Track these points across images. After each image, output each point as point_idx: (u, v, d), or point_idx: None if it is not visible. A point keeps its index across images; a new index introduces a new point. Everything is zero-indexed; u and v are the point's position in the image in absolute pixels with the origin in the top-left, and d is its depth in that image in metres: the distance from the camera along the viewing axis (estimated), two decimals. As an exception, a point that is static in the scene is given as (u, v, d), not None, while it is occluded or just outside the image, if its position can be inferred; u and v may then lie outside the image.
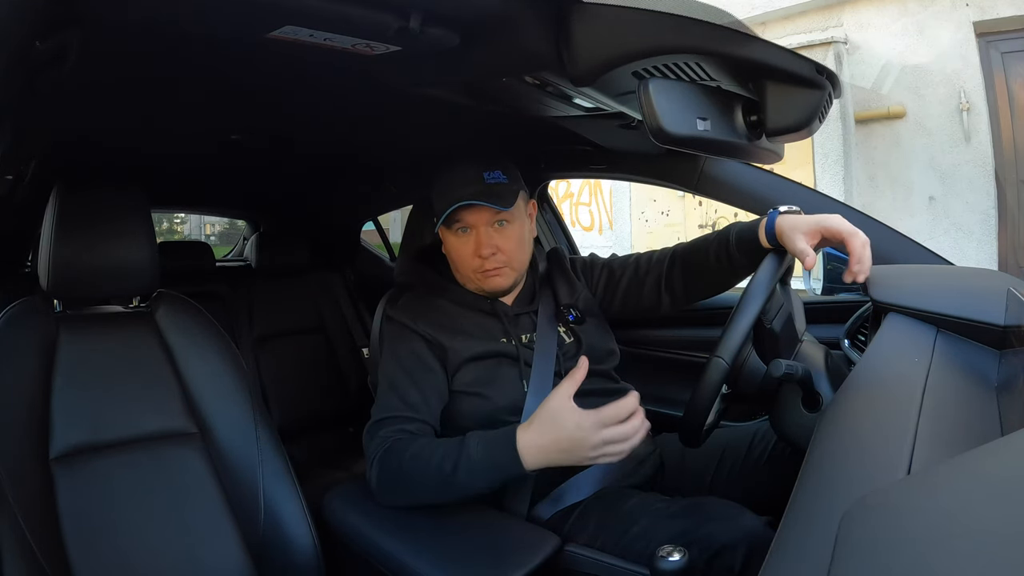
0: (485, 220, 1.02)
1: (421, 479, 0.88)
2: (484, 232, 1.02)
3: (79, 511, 0.87)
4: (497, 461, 0.84)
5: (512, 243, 1.04)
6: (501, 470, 0.85)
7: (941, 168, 3.87)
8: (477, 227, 1.03)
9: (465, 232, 1.03)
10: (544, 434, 0.82)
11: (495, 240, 1.03)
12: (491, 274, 1.04)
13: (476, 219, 1.02)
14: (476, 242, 1.03)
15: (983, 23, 3.70)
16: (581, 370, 0.85)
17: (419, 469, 0.88)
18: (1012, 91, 3.74)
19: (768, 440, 1.02)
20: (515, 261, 1.05)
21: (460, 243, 1.04)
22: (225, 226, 7.00)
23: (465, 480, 0.85)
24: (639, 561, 0.84)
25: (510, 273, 1.05)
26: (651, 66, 0.76)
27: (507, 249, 1.04)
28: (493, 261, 1.03)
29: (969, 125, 3.77)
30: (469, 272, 1.05)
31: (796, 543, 0.45)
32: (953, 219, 3.83)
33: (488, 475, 0.85)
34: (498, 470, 0.85)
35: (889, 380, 0.68)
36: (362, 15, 0.67)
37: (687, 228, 4.88)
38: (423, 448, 0.89)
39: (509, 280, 1.06)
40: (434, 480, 0.87)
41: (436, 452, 0.88)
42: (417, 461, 0.88)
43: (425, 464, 0.88)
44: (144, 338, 1.03)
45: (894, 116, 4.00)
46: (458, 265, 1.07)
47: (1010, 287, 0.79)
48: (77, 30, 0.63)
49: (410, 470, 0.89)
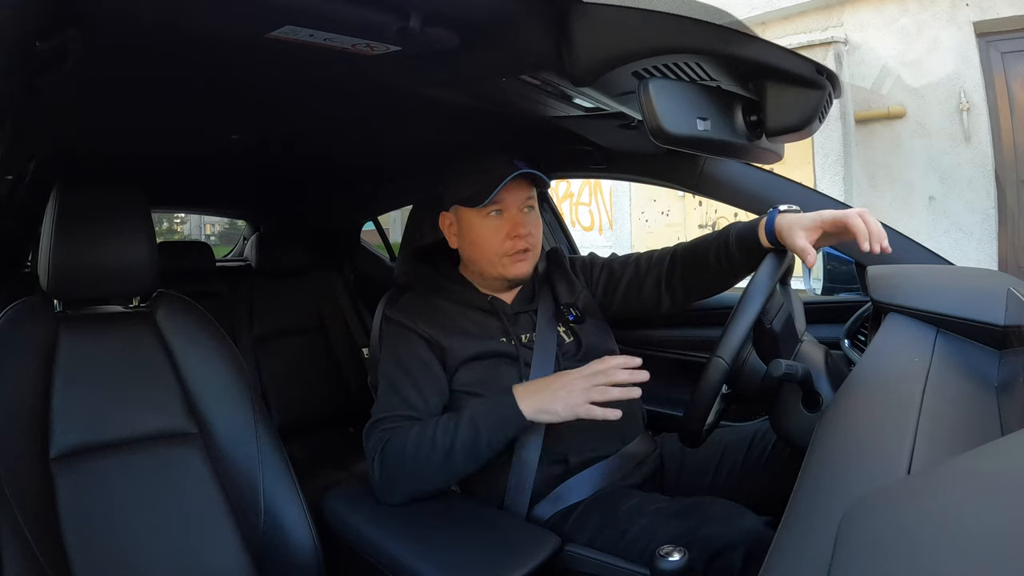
0: (519, 202, 1.05)
1: (426, 455, 0.90)
2: (516, 214, 1.05)
3: (79, 511, 0.87)
4: (497, 412, 0.90)
5: (537, 229, 1.08)
6: (501, 420, 0.90)
7: (941, 168, 3.87)
8: (510, 209, 1.04)
9: (498, 215, 1.05)
10: (537, 385, 0.92)
11: (526, 223, 1.05)
12: (520, 257, 1.05)
13: (512, 200, 1.04)
14: (511, 223, 1.04)
15: (983, 23, 3.69)
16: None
17: (422, 445, 0.90)
18: (1012, 91, 3.73)
19: (768, 440, 1.02)
20: (537, 247, 1.09)
21: (491, 227, 1.05)
22: (225, 226, 6.99)
23: (469, 441, 0.89)
24: (639, 561, 0.84)
25: (532, 258, 1.08)
26: (651, 66, 0.76)
27: (535, 232, 1.07)
28: (524, 242, 1.04)
29: (969, 125, 3.77)
30: (496, 257, 1.06)
31: (796, 543, 0.45)
32: (953, 219, 3.83)
33: (489, 430, 0.89)
34: (499, 420, 0.90)
35: (889, 380, 0.68)
36: (362, 15, 0.67)
37: (687, 228, 4.88)
38: (423, 427, 0.92)
39: (530, 266, 1.08)
40: (440, 451, 0.89)
41: (437, 425, 0.92)
42: (419, 438, 0.91)
43: (428, 439, 0.90)
44: (144, 338, 1.03)
45: (894, 116, 3.99)
46: (483, 251, 1.06)
47: (1010, 287, 0.79)
48: (77, 30, 0.63)
49: (413, 450, 0.90)
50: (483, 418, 0.90)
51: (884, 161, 4.07)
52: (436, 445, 0.89)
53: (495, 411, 0.91)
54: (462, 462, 0.90)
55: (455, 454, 0.89)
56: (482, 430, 0.89)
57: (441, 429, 0.91)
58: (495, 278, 1.08)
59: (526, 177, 1.03)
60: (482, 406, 0.92)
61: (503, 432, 0.90)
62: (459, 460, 0.90)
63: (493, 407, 0.91)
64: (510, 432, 0.91)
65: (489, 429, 0.89)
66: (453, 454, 0.89)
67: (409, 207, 1.35)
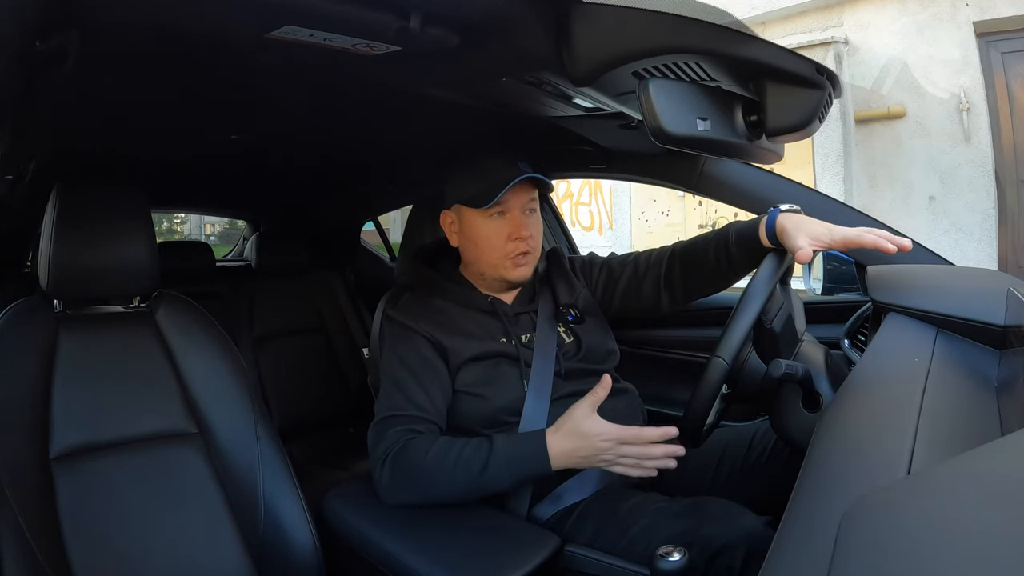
0: (521, 204, 1.05)
1: (446, 479, 0.89)
2: (519, 216, 1.04)
3: (79, 511, 0.87)
4: (527, 460, 0.89)
5: (538, 231, 1.08)
6: (529, 469, 0.89)
7: (941, 168, 3.87)
8: (513, 210, 1.04)
9: (500, 217, 1.04)
10: (570, 439, 0.88)
11: (529, 225, 1.05)
12: (521, 261, 1.05)
13: (516, 202, 1.04)
14: (513, 225, 1.04)
15: (983, 23, 3.69)
16: (603, 389, 0.89)
17: (442, 467, 0.90)
18: (1012, 91, 3.74)
19: (768, 440, 1.02)
20: (538, 249, 1.08)
21: (494, 228, 1.05)
22: (225, 226, 6.99)
23: (493, 476, 0.89)
24: (639, 561, 0.84)
25: (533, 261, 1.08)
26: (651, 66, 0.77)
27: (536, 236, 1.07)
28: (526, 245, 1.04)
29: (969, 125, 3.77)
30: (498, 259, 1.05)
31: (796, 543, 0.45)
32: (953, 219, 3.83)
33: (515, 473, 0.89)
34: (526, 468, 0.89)
35: (889, 380, 0.68)
36: (362, 15, 0.67)
37: (687, 228, 4.88)
38: (445, 447, 0.91)
39: (531, 269, 1.08)
40: (462, 477, 0.89)
41: (463, 451, 0.90)
42: (440, 457, 0.90)
43: (450, 464, 0.89)
44: (144, 338, 1.03)
45: (894, 116, 3.99)
46: (485, 251, 1.06)
47: (1010, 287, 0.79)
48: (76, 31, 0.63)
49: (432, 467, 0.90)
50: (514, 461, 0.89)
51: (884, 161, 4.07)
52: (456, 473, 0.89)
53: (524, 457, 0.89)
54: (479, 491, 0.91)
55: (475, 484, 0.89)
56: (508, 474, 0.89)
57: (466, 456, 0.90)
58: (495, 279, 1.08)
59: (529, 179, 1.03)
60: (511, 448, 0.90)
61: (525, 476, 0.91)
62: (476, 489, 0.90)
63: (522, 451, 0.90)
64: (533, 475, 0.91)
65: (514, 475, 0.90)
66: (472, 484, 0.89)
67: (409, 207, 1.36)
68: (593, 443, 0.87)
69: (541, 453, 0.88)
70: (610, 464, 0.88)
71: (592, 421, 0.87)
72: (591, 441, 0.87)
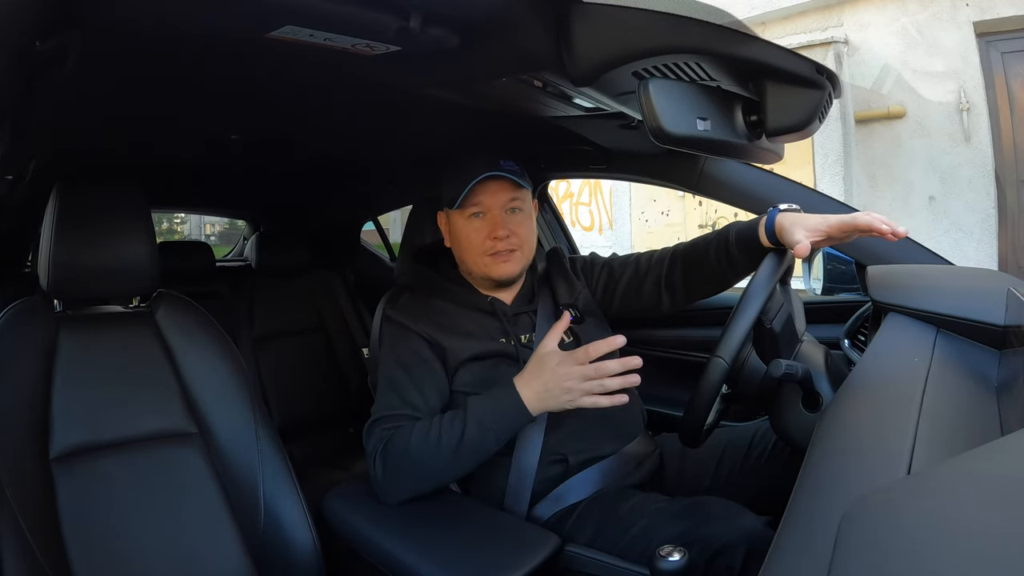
0: (500, 203, 1.04)
1: (431, 453, 0.90)
2: (499, 215, 1.04)
3: (79, 511, 0.87)
4: (504, 410, 0.90)
5: (524, 228, 1.06)
6: (508, 419, 0.90)
7: (941, 168, 3.87)
8: (492, 210, 1.04)
9: (479, 217, 1.04)
10: (535, 376, 0.90)
11: (509, 224, 1.04)
12: (502, 258, 1.04)
13: (492, 202, 1.03)
14: (491, 224, 1.04)
15: (983, 23, 3.69)
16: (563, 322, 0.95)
17: (426, 443, 0.90)
18: (1012, 91, 3.73)
19: (768, 440, 1.02)
20: (526, 246, 1.07)
21: (472, 228, 1.05)
22: (225, 226, 7.00)
23: (476, 437, 0.89)
24: (639, 561, 0.84)
25: (520, 259, 1.06)
26: (651, 66, 0.76)
27: (520, 233, 1.05)
28: (506, 243, 1.04)
29: (969, 125, 3.76)
30: (478, 257, 1.05)
31: (796, 543, 0.45)
32: (953, 219, 3.83)
33: (497, 427, 0.90)
34: (505, 419, 0.90)
35: (889, 380, 0.68)
36: (362, 15, 0.67)
37: (687, 228, 4.88)
38: (425, 426, 0.92)
39: (518, 267, 1.07)
40: (446, 449, 0.89)
41: (442, 423, 0.91)
42: (423, 436, 0.91)
43: (434, 438, 0.90)
44: (144, 338, 1.03)
45: (894, 116, 3.99)
46: (467, 251, 1.06)
47: (1010, 287, 0.79)
48: (76, 31, 0.63)
49: (417, 448, 0.90)
50: (489, 415, 0.90)
51: (884, 161, 4.07)
52: (441, 443, 0.89)
53: (500, 408, 0.91)
54: (468, 458, 0.91)
55: (462, 452, 0.90)
56: (489, 427, 0.90)
57: (446, 427, 0.90)
58: (483, 278, 1.08)
59: (508, 179, 1.03)
60: (486, 403, 0.92)
61: (509, 426, 0.91)
62: (465, 457, 0.90)
63: (498, 404, 0.91)
64: (516, 426, 0.92)
65: (497, 427, 0.90)
66: (460, 452, 0.89)
67: (409, 207, 1.36)
68: (554, 373, 0.88)
69: (515, 399, 0.90)
70: (578, 399, 0.87)
71: (548, 352, 0.90)
72: (552, 372, 0.88)
